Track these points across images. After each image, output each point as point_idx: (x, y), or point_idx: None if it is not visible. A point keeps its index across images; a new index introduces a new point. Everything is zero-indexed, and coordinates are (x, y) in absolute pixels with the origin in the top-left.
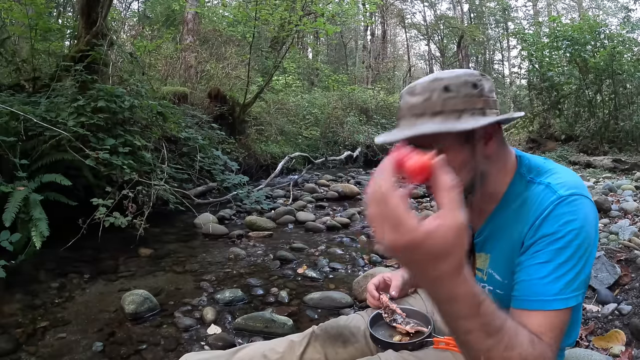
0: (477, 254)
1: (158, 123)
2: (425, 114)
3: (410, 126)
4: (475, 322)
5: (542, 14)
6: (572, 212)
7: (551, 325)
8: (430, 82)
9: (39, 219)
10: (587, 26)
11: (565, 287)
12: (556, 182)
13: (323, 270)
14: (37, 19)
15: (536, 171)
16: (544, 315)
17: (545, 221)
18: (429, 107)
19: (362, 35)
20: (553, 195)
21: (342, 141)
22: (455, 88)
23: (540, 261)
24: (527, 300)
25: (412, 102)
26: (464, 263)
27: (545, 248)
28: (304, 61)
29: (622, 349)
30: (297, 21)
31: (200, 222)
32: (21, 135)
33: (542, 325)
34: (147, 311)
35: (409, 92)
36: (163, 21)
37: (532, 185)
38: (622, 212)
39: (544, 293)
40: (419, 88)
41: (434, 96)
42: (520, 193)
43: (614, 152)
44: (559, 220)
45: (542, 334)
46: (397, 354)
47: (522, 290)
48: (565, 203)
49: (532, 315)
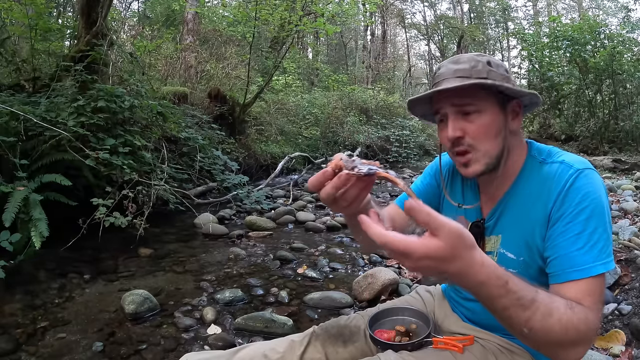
0: (487, 238)
1: (158, 123)
2: (471, 77)
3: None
4: (508, 298)
5: (542, 14)
6: (590, 183)
7: (589, 291)
8: (475, 55)
9: (38, 219)
10: (587, 26)
11: (600, 252)
12: (569, 159)
13: (323, 270)
14: (37, 19)
15: (547, 153)
16: (582, 283)
17: (568, 193)
18: (475, 72)
19: (362, 35)
20: (570, 169)
21: (342, 141)
22: (495, 65)
23: (572, 234)
24: (568, 272)
25: (458, 68)
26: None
27: (573, 220)
28: (304, 61)
29: (622, 349)
30: (297, 21)
31: (200, 222)
32: (21, 135)
33: (580, 292)
34: (147, 311)
35: (453, 61)
36: (163, 21)
37: (546, 165)
38: (622, 212)
39: (583, 262)
40: (465, 58)
41: (479, 65)
42: (535, 173)
43: (614, 152)
44: (580, 192)
45: (581, 300)
46: (396, 354)
47: (561, 265)
48: (583, 175)
49: (571, 285)
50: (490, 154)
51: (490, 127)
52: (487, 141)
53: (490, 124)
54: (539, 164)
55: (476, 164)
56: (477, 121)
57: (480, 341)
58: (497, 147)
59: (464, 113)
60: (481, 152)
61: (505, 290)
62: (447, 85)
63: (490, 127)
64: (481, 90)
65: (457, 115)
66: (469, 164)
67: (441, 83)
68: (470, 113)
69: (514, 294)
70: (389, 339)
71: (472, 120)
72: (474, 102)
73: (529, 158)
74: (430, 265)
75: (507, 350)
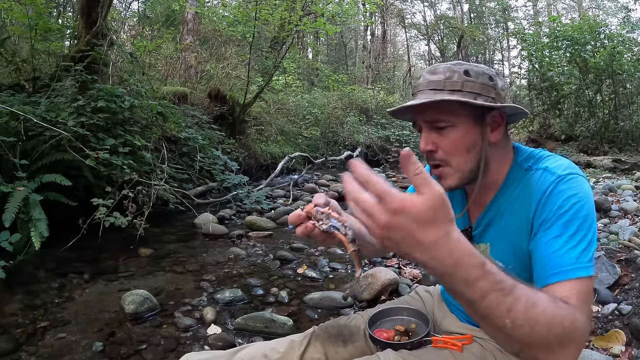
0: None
1: (158, 123)
2: (444, 89)
3: (428, 97)
4: (487, 281)
5: (542, 14)
6: (572, 188)
7: (575, 291)
8: (452, 65)
9: (38, 219)
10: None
11: (580, 255)
12: (552, 165)
13: (323, 270)
14: (37, 19)
15: (533, 160)
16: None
17: (548, 198)
18: (448, 84)
19: (362, 35)
20: (552, 176)
21: (342, 141)
22: (474, 74)
23: (551, 237)
24: (547, 275)
25: (432, 79)
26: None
27: (553, 224)
28: (304, 61)
29: (622, 349)
30: (297, 21)
31: (200, 222)
32: (21, 135)
33: (566, 291)
34: (147, 311)
35: (430, 71)
36: (163, 21)
37: (530, 172)
38: (622, 212)
39: (561, 264)
40: (441, 69)
41: (454, 76)
42: (519, 180)
43: (614, 152)
44: (561, 196)
45: (568, 299)
46: (396, 353)
47: (540, 269)
48: (564, 181)
49: (555, 287)
50: (463, 168)
51: (463, 141)
52: (459, 156)
53: (462, 139)
54: (524, 172)
55: (449, 178)
56: (450, 136)
57: (479, 340)
58: (470, 162)
59: (437, 127)
60: (453, 167)
61: (483, 272)
62: (419, 98)
63: (462, 141)
64: (453, 105)
65: (430, 129)
66: (441, 177)
67: (416, 95)
68: (443, 127)
69: (493, 276)
70: (388, 339)
71: (445, 135)
72: (446, 118)
73: (514, 165)
74: (405, 226)
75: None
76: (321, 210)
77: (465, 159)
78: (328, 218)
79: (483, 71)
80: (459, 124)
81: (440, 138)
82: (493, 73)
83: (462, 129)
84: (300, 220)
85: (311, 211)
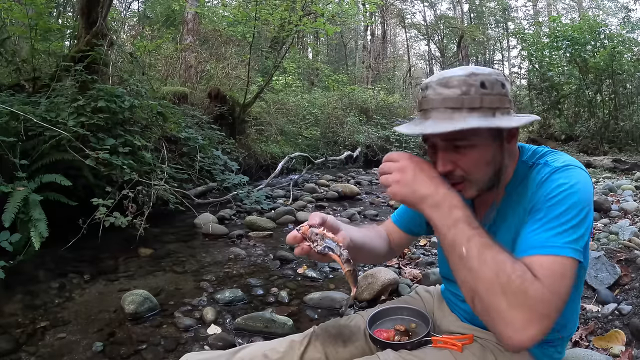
0: None
1: (158, 123)
2: (463, 108)
3: (447, 119)
4: (462, 212)
5: (542, 14)
6: (565, 177)
7: (541, 265)
8: (467, 76)
9: (38, 219)
10: (587, 26)
11: (556, 236)
12: (552, 159)
13: (323, 270)
14: (37, 19)
15: (537, 156)
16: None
17: (540, 187)
18: (467, 101)
19: (362, 35)
20: (549, 168)
21: (342, 141)
22: (489, 85)
23: (533, 219)
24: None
25: (447, 95)
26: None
27: (540, 209)
28: (304, 61)
29: (622, 349)
30: (297, 21)
31: (200, 222)
32: (21, 135)
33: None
34: (147, 311)
35: (441, 84)
36: (163, 21)
37: (533, 168)
38: (622, 212)
39: (534, 243)
40: (455, 81)
41: (472, 91)
42: (522, 177)
43: (614, 152)
44: (552, 184)
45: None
46: (396, 353)
47: (520, 246)
48: (559, 171)
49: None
50: (484, 180)
51: (483, 158)
52: (479, 172)
53: (482, 156)
54: (528, 169)
55: (470, 191)
56: (470, 155)
57: (480, 340)
58: (489, 174)
59: (455, 146)
60: (472, 181)
61: (461, 204)
62: (436, 119)
63: (482, 159)
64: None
65: (447, 149)
66: (463, 191)
67: (429, 113)
68: (463, 147)
69: (467, 211)
70: (388, 338)
71: (464, 154)
72: (466, 138)
73: (520, 164)
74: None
75: (506, 349)
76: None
77: (484, 172)
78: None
79: (495, 79)
80: (478, 143)
81: (459, 157)
82: (502, 77)
83: (482, 147)
84: (296, 241)
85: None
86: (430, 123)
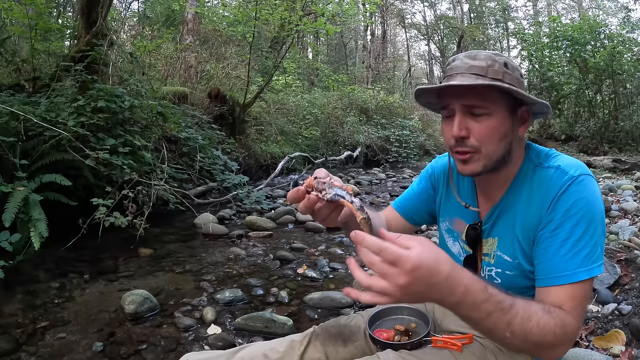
0: (484, 240)
1: (158, 123)
2: (486, 76)
3: (472, 80)
4: (491, 303)
5: (542, 14)
6: (582, 191)
7: (570, 296)
8: (492, 54)
9: (38, 219)
10: (587, 26)
11: (585, 259)
12: (565, 164)
13: (323, 270)
14: (37, 19)
15: (544, 157)
16: (564, 288)
17: (559, 200)
18: (491, 72)
19: (362, 35)
20: (565, 176)
21: (342, 141)
22: (511, 68)
23: (558, 241)
24: (549, 277)
25: (474, 64)
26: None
27: (560, 226)
28: (304, 61)
29: (622, 349)
30: (297, 21)
31: (200, 222)
32: (21, 135)
33: (561, 297)
34: (147, 311)
35: (469, 57)
36: (163, 21)
37: (542, 169)
38: (622, 212)
39: (565, 269)
40: (482, 56)
41: (496, 65)
42: (530, 176)
43: (614, 152)
44: (571, 199)
45: (562, 304)
46: (396, 353)
47: (545, 270)
48: (576, 183)
49: (553, 290)
50: (492, 156)
51: (497, 130)
52: (491, 144)
53: (497, 128)
54: (535, 167)
55: (475, 163)
56: (485, 123)
57: (480, 340)
58: (499, 151)
59: (472, 113)
60: (483, 153)
61: (487, 295)
62: (461, 80)
63: (496, 130)
64: (493, 92)
65: (465, 114)
66: (468, 161)
67: (454, 77)
68: (479, 115)
69: (495, 298)
70: (388, 338)
71: (479, 122)
72: (485, 105)
73: (525, 161)
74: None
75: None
76: (322, 180)
77: (496, 147)
78: (331, 187)
79: (516, 67)
80: (495, 113)
81: (475, 124)
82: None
83: (498, 117)
84: (300, 194)
85: (311, 184)
86: (455, 80)
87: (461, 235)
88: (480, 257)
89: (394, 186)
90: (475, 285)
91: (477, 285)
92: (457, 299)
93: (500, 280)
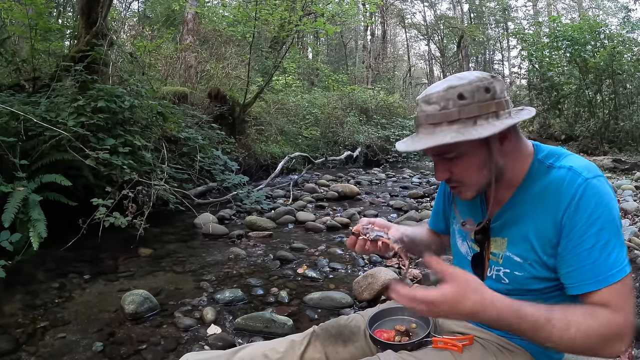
0: (492, 239)
1: (158, 123)
2: (442, 122)
3: (429, 135)
4: (525, 324)
5: (542, 14)
6: (600, 193)
7: (612, 295)
8: (444, 90)
9: (37, 219)
10: (587, 26)
11: (615, 261)
12: (577, 165)
13: (323, 270)
14: (37, 19)
15: (554, 157)
16: (604, 291)
17: (579, 205)
18: (445, 116)
19: (362, 35)
20: (579, 178)
21: (342, 141)
22: (469, 95)
23: (586, 247)
24: (587, 283)
25: (429, 111)
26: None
27: (586, 232)
28: (304, 61)
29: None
30: (297, 21)
31: (200, 222)
32: (21, 135)
33: (603, 298)
34: (147, 311)
35: (424, 101)
36: (163, 21)
37: (554, 170)
38: (622, 212)
39: (599, 273)
40: (434, 97)
41: (449, 105)
42: (541, 177)
43: (614, 152)
44: (591, 203)
45: (606, 304)
46: (396, 354)
47: (578, 278)
48: (592, 185)
49: (593, 295)
50: (479, 183)
51: (473, 164)
52: (472, 177)
53: (472, 163)
54: (546, 169)
55: (466, 192)
56: (460, 163)
57: (480, 341)
58: (484, 178)
59: (446, 157)
60: (468, 185)
61: (519, 318)
62: (421, 136)
63: (473, 165)
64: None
65: (440, 160)
66: (461, 192)
67: (418, 129)
68: (452, 158)
69: (529, 318)
70: (388, 339)
71: (455, 163)
72: (452, 149)
73: (535, 162)
74: (448, 309)
75: (506, 350)
76: (366, 227)
77: (478, 176)
78: (372, 231)
79: (477, 86)
80: (466, 151)
81: (451, 166)
82: (488, 82)
83: (470, 154)
84: (353, 241)
85: (359, 229)
86: (417, 140)
87: (470, 234)
88: (487, 255)
89: (394, 186)
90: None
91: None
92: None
93: (508, 280)
